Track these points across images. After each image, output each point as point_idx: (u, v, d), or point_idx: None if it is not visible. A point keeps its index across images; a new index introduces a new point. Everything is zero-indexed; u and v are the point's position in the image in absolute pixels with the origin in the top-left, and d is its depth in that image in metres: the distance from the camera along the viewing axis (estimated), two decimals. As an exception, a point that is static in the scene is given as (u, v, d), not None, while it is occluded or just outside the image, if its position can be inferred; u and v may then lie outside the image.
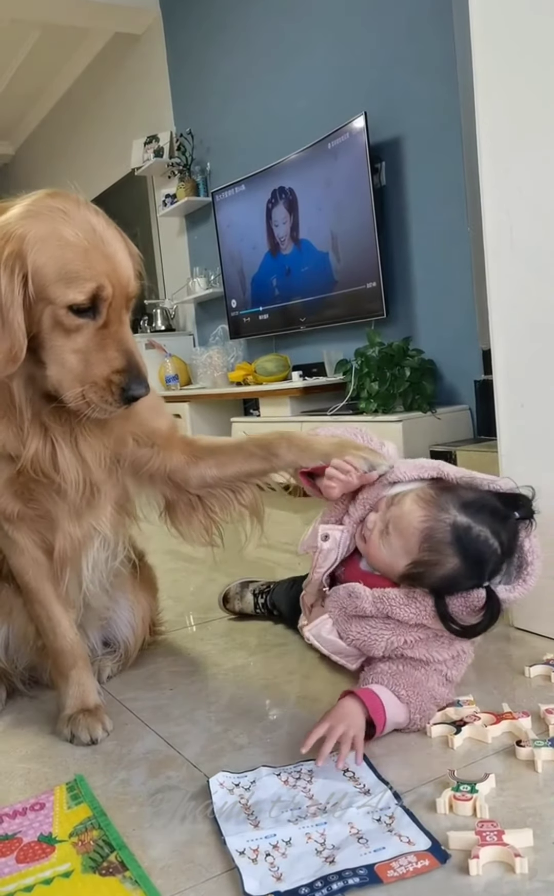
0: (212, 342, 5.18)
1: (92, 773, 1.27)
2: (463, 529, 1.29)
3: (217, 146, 5.20)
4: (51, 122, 7.84)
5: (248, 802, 1.12)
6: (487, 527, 1.29)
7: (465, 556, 1.28)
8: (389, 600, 1.33)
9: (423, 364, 3.50)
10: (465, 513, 1.30)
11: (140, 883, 0.97)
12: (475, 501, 1.32)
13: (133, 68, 6.10)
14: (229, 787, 1.15)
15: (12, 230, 1.09)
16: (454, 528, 1.29)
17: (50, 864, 1.03)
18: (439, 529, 1.30)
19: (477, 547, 1.28)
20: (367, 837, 1.02)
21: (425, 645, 1.33)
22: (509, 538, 1.31)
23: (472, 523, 1.29)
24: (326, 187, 4.02)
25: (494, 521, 1.31)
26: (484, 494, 1.36)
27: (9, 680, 1.63)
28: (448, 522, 1.30)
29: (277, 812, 1.09)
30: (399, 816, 1.06)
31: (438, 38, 3.37)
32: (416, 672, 1.31)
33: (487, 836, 0.97)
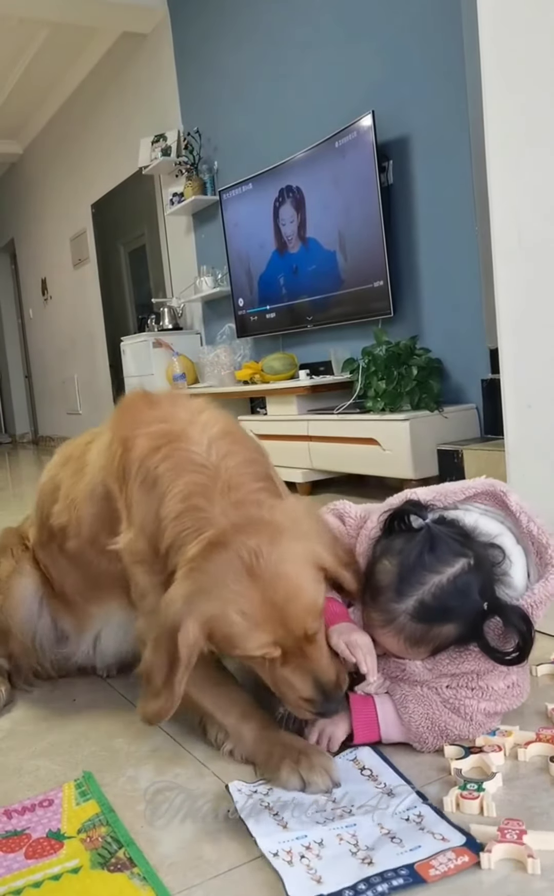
0: (219, 341, 5.18)
1: (100, 770, 1.28)
2: (422, 610, 1.18)
3: (224, 145, 5.20)
4: (59, 121, 7.86)
5: (270, 805, 1.11)
6: (428, 573, 1.19)
7: (448, 617, 1.19)
8: (439, 662, 1.24)
9: (430, 363, 3.50)
10: (406, 594, 1.19)
11: (148, 879, 0.98)
12: (400, 572, 1.21)
13: (141, 67, 6.10)
14: (247, 794, 1.14)
15: (188, 608, 1.13)
16: (415, 617, 1.19)
17: (58, 860, 1.04)
18: (412, 631, 1.20)
19: (447, 600, 1.18)
20: (400, 837, 1.01)
21: (483, 679, 1.25)
22: (448, 546, 1.21)
23: (420, 595, 1.18)
24: (333, 186, 4.02)
25: (422, 558, 1.20)
26: (397, 550, 1.24)
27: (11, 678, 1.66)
28: (407, 619, 1.19)
29: (300, 813, 1.09)
30: (427, 814, 1.05)
31: (446, 36, 3.37)
32: (435, 699, 1.24)
33: (508, 834, 0.97)
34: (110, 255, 7.20)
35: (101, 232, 7.33)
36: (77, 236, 7.82)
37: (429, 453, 3.27)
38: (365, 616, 1.27)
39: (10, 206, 9.73)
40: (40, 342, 9.51)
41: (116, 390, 7.14)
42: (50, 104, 7.80)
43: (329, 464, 3.82)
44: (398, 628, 1.20)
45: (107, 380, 7.51)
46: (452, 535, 1.24)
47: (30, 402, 10.57)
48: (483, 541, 1.26)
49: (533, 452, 1.76)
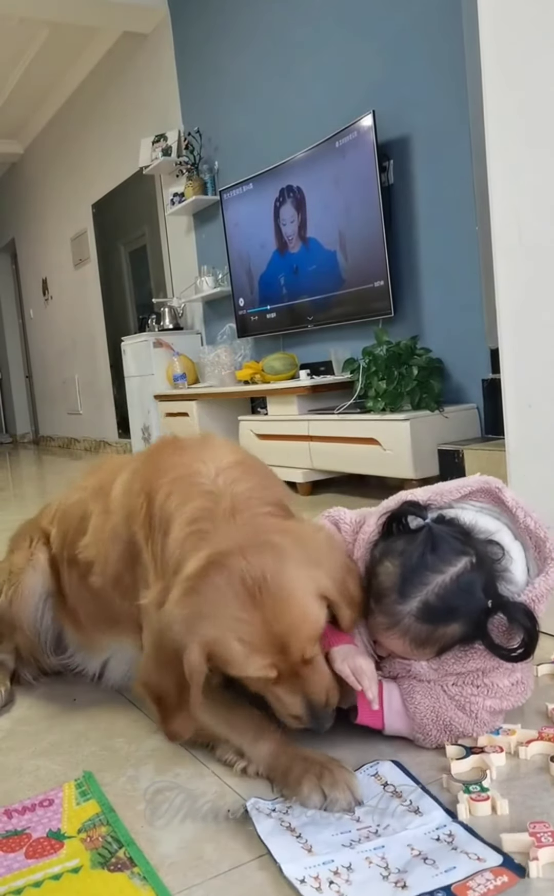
0: (219, 341, 5.19)
1: (100, 770, 1.28)
2: (426, 611, 1.18)
3: (225, 145, 5.20)
4: (59, 120, 7.86)
5: (291, 825, 1.06)
6: (430, 574, 1.18)
7: (453, 617, 1.19)
8: (445, 662, 1.25)
9: (430, 363, 3.50)
10: (409, 596, 1.18)
11: (148, 879, 0.98)
12: (403, 574, 1.20)
13: (141, 67, 6.11)
14: (266, 812, 1.09)
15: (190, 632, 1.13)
16: (420, 618, 1.18)
17: (58, 859, 1.04)
18: (418, 632, 1.20)
19: (451, 600, 1.18)
20: (432, 858, 0.96)
21: (488, 677, 1.25)
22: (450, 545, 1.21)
23: (424, 596, 1.18)
24: (333, 186, 4.02)
25: (423, 559, 1.20)
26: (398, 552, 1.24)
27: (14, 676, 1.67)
28: (412, 621, 1.19)
29: (326, 836, 1.03)
30: (458, 833, 1.01)
31: (446, 35, 3.37)
32: (442, 693, 1.24)
33: (542, 838, 0.96)
34: (111, 255, 7.20)
35: (101, 232, 7.33)
36: (78, 236, 7.82)
37: (429, 453, 3.27)
38: (369, 620, 1.27)
39: (10, 206, 9.74)
40: (41, 342, 9.52)
41: (117, 390, 7.15)
42: (50, 104, 7.80)
43: (330, 464, 3.82)
44: (403, 630, 1.20)
45: (107, 380, 7.51)
46: (453, 533, 1.23)
47: (30, 402, 10.58)
48: (482, 538, 1.26)
49: (534, 452, 1.76)
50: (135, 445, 6.05)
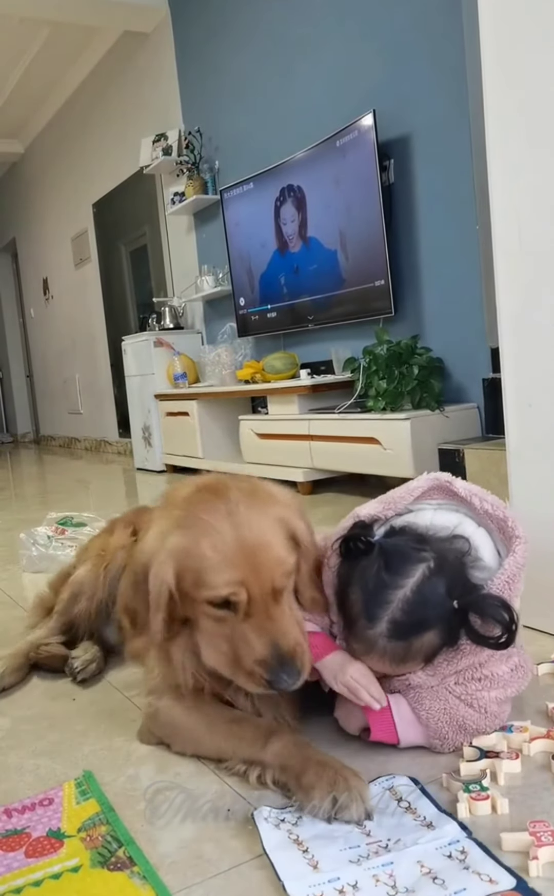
0: (220, 340, 5.19)
1: (100, 769, 1.28)
2: (397, 629, 1.17)
3: (225, 144, 5.20)
4: (60, 120, 7.86)
5: (299, 838, 1.03)
6: (390, 591, 1.17)
7: (425, 627, 1.18)
8: (437, 667, 1.24)
9: (431, 362, 3.50)
10: (377, 618, 1.17)
11: (148, 878, 0.98)
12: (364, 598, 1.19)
13: (142, 66, 6.11)
14: (274, 822, 1.07)
15: (162, 545, 1.19)
16: (393, 637, 1.17)
17: (58, 858, 1.04)
18: (395, 650, 1.19)
19: (419, 612, 1.17)
20: (442, 877, 0.93)
21: (485, 668, 1.25)
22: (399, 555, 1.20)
23: (391, 615, 1.17)
24: (334, 185, 4.01)
25: (379, 577, 1.19)
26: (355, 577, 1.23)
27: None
28: (386, 642, 1.18)
29: (334, 850, 1.00)
30: (472, 851, 0.97)
31: (447, 35, 3.36)
32: (449, 695, 1.24)
33: (542, 837, 0.96)
34: (111, 255, 7.20)
35: (102, 231, 7.33)
36: (78, 236, 7.82)
37: (430, 453, 3.27)
38: (348, 648, 1.26)
39: (11, 206, 9.74)
40: (42, 342, 9.52)
41: (118, 390, 7.15)
42: (51, 103, 7.81)
43: (330, 463, 3.82)
44: (381, 652, 1.19)
45: (108, 379, 7.52)
46: (406, 543, 1.23)
47: (31, 402, 10.58)
48: (443, 535, 1.25)
49: (534, 451, 1.76)
50: (135, 445, 6.06)
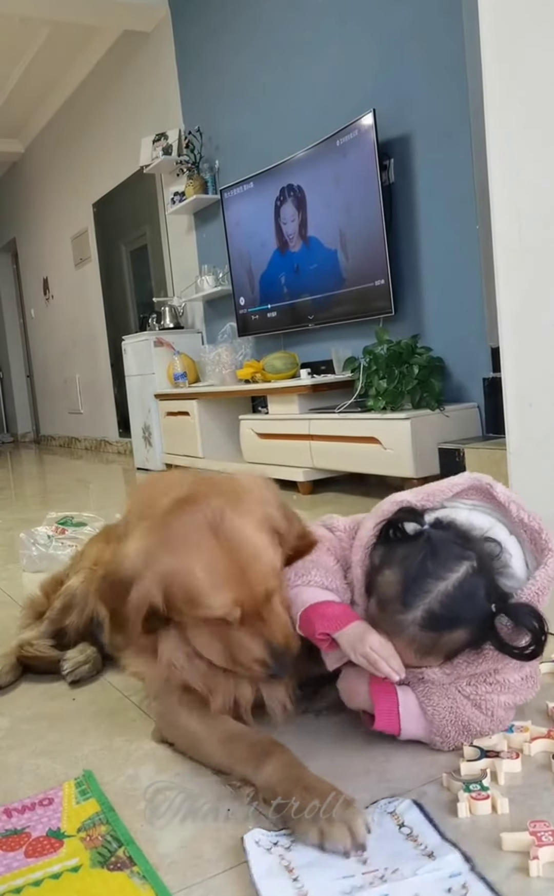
0: (220, 340, 5.19)
1: (100, 769, 1.28)
2: (431, 619, 1.17)
3: (225, 144, 5.20)
4: (60, 120, 7.86)
5: (290, 865, 0.97)
6: (432, 580, 1.17)
7: (458, 624, 1.18)
8: (456, 666, 1.24)
9: (431, 361, 3.50)
10: (413, 605, 1.17)
11: (148, 878, 0.97)
12: (404, 582, 1.19)
13: (142, 66, 6.10)
14: (266, 846, 1.01)
15: (148, 564, 1.16)
16: (424, 626, 1.17)
17: (58, 858, 1.04)
18: (423, 640, 1.18)
19: (455, 606, 1.17)
20: None
21: (499, 674, 1.24)
22: (449, 550, 1.20)
23: (427, 604, 1.16)
24: (334, 185, 4.01)
25: (424, 565, 1.19)
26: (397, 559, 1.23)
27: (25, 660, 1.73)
28: (417, 630, 1.17)
29: (326, 879, 0.94)
30: (473, 886, 0.90)
31: (447, 34, 3.36)
32: (457, 693, 1.23)
33: (543, 837, 0.95)
34: (112, 255, 7.20)
35: (102, 231, 7.33)
36: (78, 235, 7.82)
37: (430, 452, 3.27)
38: (376, 627, 1.25)
39: (11, 206, 9.74)
40: (42, 341, 9.52)
41: (118, 389, 7.16)
42: (51, 103, 7.80)
43: (330, 463, 3.82)
44: (408, 639, 1.19)
45: (108, 379, 7.52)
46: (452, 538, 1.22)
47: (31, 402, 10.58)
48: (479, 536, 1.24)
49: (534, 451, 1.75)
50: (135, 444, 6.06)
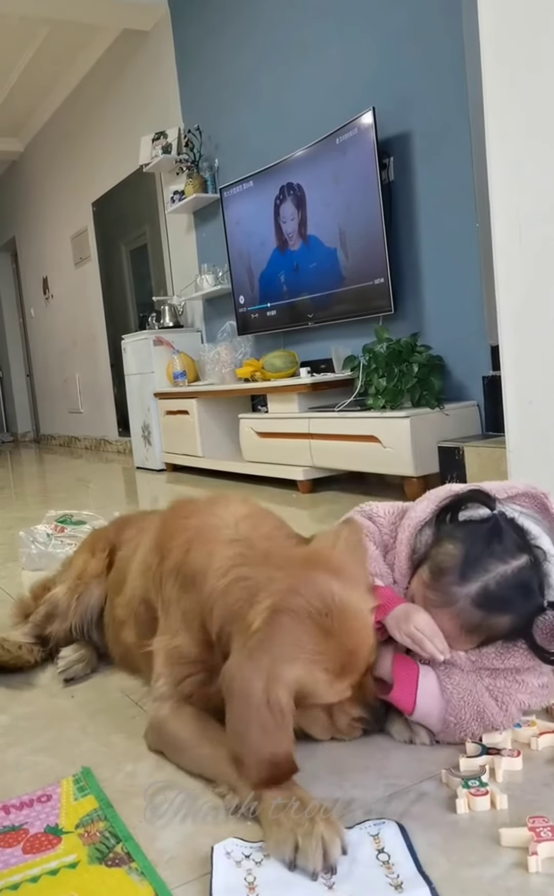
0: (220, 338, 5.19)
1: (99, 765, 1.28)
2: (485, 596, 1.20)
3: (225, 142, 5.20)
4: (59, 118, 7.86)
5: (255, 882, 0.94)
6: (495, 562, 1.21)
7: (508, 608, 1.21)
8: (484, 655, 1.26)
9: (431, 360, 3.50)
10: (470, 580, 1.21)
11: (146, 874, 0.97)
12: (467, 556, 1.22)
13: (141, 65, 6.10)
14: (237, 859, 0.98)
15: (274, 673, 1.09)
16: (476, 602, 1.20)
17: (56, 854, 1.04)
18: (470, 616, 1.22)
19: (508, 591, 1.20)
20: None
21: (521, 674, 1.26)
22: (514, 539, 1.24)
23: (484, 582, 1.20)
24: (334, 183, 4.01)
25: (490, 547, 1.22)
26: (463, 535, 1.26)
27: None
28: (468, 604, 1.21)
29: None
30: None
31: (446, 32, 3.36)
32: (477, 681, 1.24)
33: (542, 832, 0.95)
34: (111, 254, 7.20)
35: (102, 230, 7.33)
36: (78, 235, 7.82)
37: (430, 451, 3.27)
38: (422, 596, 1.27)
39: (11, 205, 9.74)
40: (42, 341, 9.52)
41: (118, 389, 7.15)
42: (51, 102, 7.80)
43: (330, 461, 3.82)
44: (456, 612, 1.22)
45: (108, 379, 7.52)
46: (515, 531, 1.26)
47: (31, 401, 10.58)
48: (531, 540, 1.27)
49: (534, 448, 1.75)
50: (135, 444, 6.05)
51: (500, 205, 1.78)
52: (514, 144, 1.74)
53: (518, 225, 1.74)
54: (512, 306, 1.77)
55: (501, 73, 1.75)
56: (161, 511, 1.59)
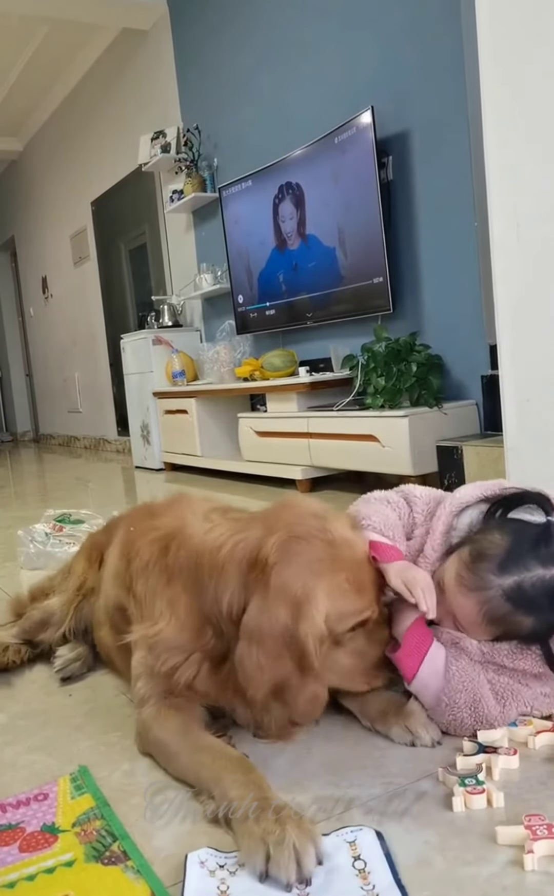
0: (219, 338, 5.18)
1: (96, 764, 1.28)
2: (517, 592, 1.21)
3: (224, 141, 5.20)
4: (58, 118, 7.86)
5: (227, 891, 0.92)
6: (536, 563, 1.22)
7: (535, 609, 1.22)
8: (497, 651, 1.27)
9: (429, 359, 3.49)
10: (508, 572, 1.22)
11: (142, 872, 0.97)
12: (511, 550, 1.24)
13: (140, 64, 6.10)
14: (211, 868, 0.95)
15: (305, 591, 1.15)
16: (507, 595, 1.21)
17: (52, 853, 1.04)
18: (496, 607, 1.22)
19: (539, 595, 1.21)
20: None
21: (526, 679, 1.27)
22: None
23: (521, 578, 1.21)
24: (332, 182, 4.01)
25: (536, 548, 1.23)
26: (514, 530, 1.27)
27: None
28: (499, 594, 1.22)
29: None
30: None
31: (445, 31, 3.36)
32: (482, 673, 1.25)
33: (538, 830, 0.95)
34: (111, 253, 7.20)
35: (101, 229, 7.33)
36: (77, 234, 7.82)
37: (428, 450, 3.27)
38: (456, 573, 1.28)
39: (10, 204, 9.74)
40: (41, 341, 9.52)
41: (117, 388, 7.15)
42: (50, 101, 7.80)
43: (329, 461, 3.82)
44: (485, 599, 1.23)
45: (107, 378, 7.51)
46: None
47: (31, 401, 10.58)
48: None
49: (533, 446, 1.75)
50: (134, 443, 6.05)
51: (498, 204, 1.78)
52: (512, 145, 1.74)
53: (516, 224, 1.74)
54: (510, 304, 1.77)
55: (497, 76, 1.75)
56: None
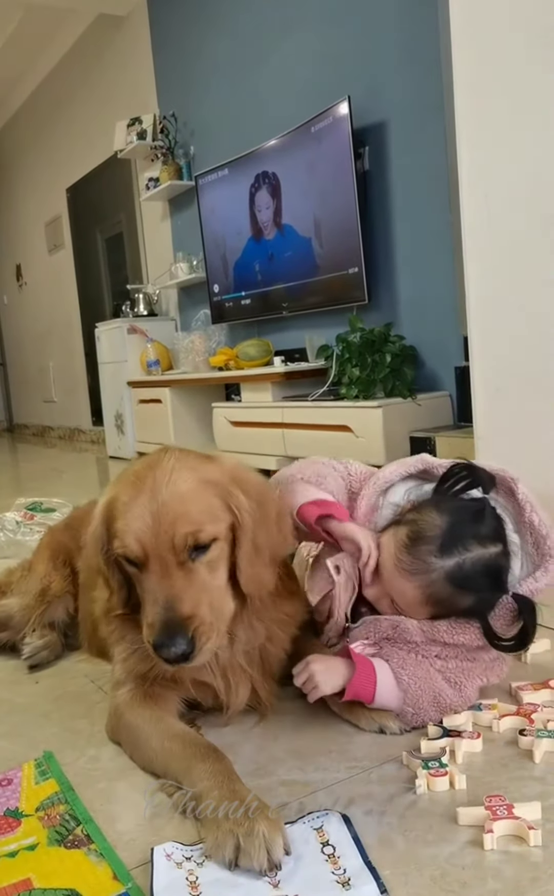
0: (194, 327, 5.16)
1: (62, 750, 1.27)
2: (458, 573, 1.23)
3: (200, 129, 5.16)
4: (33, 104, 7.75)
5: (197, 880, 0.91)
6: (475, 543, 1.24)
7: (475, 589, 1.24)
8: (436, 629, 1.27)
9: (404, 350, 3.50)
10: (448, 553, 1.23)
11: (105, 855, 0.97)
12: (450, 531, 1.24)
13: (117, 50, 6.03)
14: (177, 860, 0.95)
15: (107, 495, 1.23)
16: (449, 577, 1.23)
17: (15, 837, 1.03)
18: (438, 589, 1.24)
19: (480, 574, 1.23)
20: None
21: (472, 652, 1.28)
22: (495, 526, 1.28)
23: (462, 559, 1.23)
24: (309, 172, 4.00)
25: (475, 527, 1.25)
26: (451, 509, 1.28)
27: None
28: (441, 577, 1.23)
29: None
30: None
31: (423, 22, 3.35)
32: (430, 667, 1.26)
33: (498, 811, 0.97)
34: (86, 241, 7.13)
35: (76, 217, 7.26)
36: (53, 221, 7.73)
37: (401, 440, 3.28)
38: (394, 557, 1.28)
39: (-16, 191, 9.60)
40: (16, 329, 9.41)
41: (92, 378, 7.10)
42: (24, 87, 7.69)
43: (303, 451, 3.82)
44: (426, 582, 1.24)
45: (82, 368, 7.46)
46: (495, 518, 1.29)
47: (5, 390, 10.46)
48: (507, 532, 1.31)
49: (501, 436, 1.77)
50: (108, 433, 6.02)
51: (469, 193, 1.78)
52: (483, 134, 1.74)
53: (488, 214, 1.74)
54: (480, 294, 1.78)
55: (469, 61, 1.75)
56: None
